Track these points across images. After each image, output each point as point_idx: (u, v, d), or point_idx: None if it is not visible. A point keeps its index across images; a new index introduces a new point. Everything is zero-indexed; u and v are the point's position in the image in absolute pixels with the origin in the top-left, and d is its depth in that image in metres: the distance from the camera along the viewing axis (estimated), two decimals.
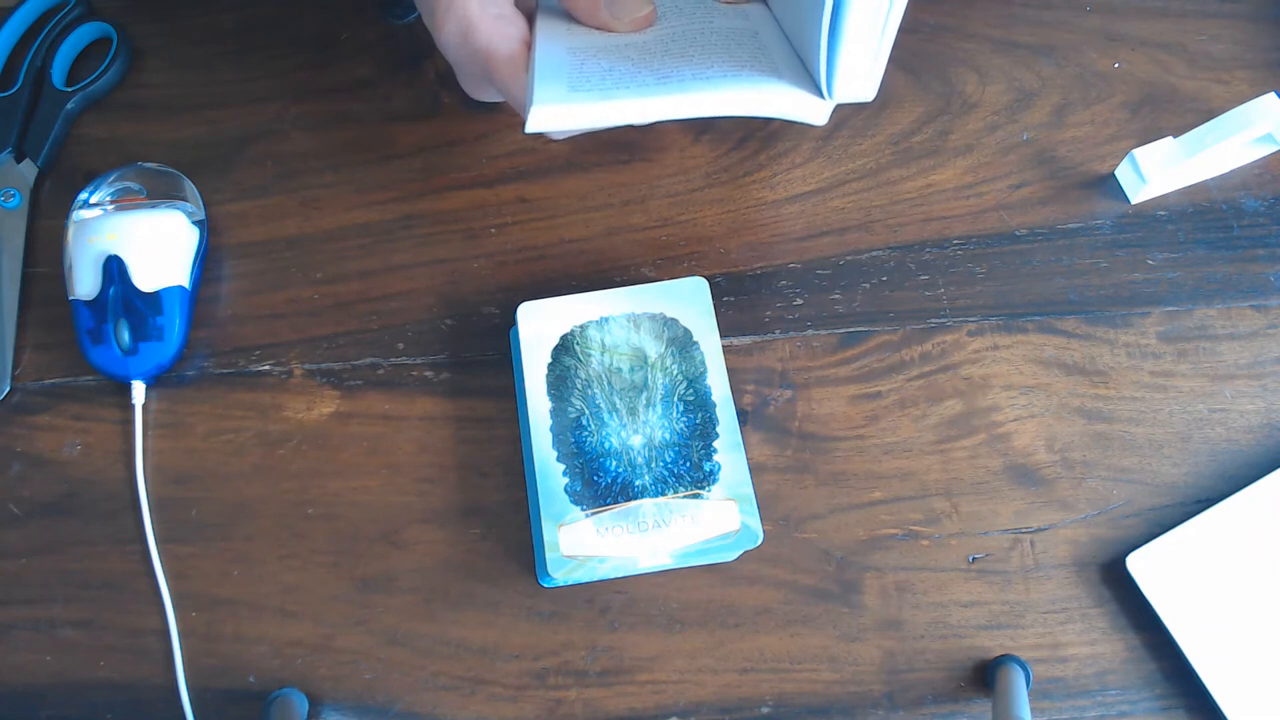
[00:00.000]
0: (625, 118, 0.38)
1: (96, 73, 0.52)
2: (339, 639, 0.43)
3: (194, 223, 0.48)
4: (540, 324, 0.43)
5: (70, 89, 0.52)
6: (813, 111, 0.39)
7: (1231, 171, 0.50)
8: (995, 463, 0.45)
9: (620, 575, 0.43)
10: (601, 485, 0.41)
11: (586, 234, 0.50)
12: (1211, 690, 0.40)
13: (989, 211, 0.50)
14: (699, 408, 0.42)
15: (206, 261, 0.49)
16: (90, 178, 0.49)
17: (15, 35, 0.53)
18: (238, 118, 0.52)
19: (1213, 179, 0.50)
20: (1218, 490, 0.44)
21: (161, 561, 0.44)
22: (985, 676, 0.42)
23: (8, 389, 0.47)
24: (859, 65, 0.38)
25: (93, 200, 0.48)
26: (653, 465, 0.41)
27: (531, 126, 0.38)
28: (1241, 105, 0.46)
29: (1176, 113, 0.52)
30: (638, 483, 0.41)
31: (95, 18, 0.54)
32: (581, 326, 0.43)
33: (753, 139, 0.51)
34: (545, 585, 0.44)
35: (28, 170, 0.51)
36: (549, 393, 0.42)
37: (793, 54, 0.41)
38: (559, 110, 0.38)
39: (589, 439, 0.41)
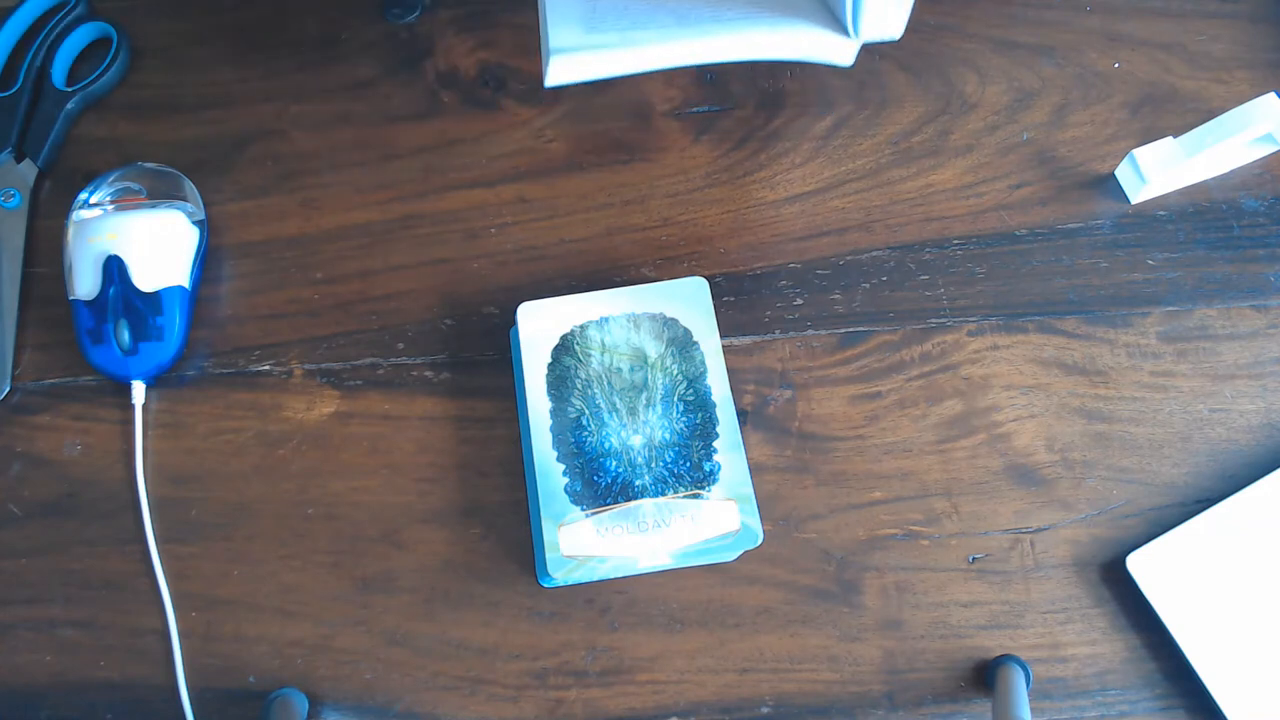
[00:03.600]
0: (646, 64, 0.37)
1: (96, 73, 0.52)
2: (339, 639, 0.43)
3: (194, 223, 0.48)
4: (540, 324, 0.43)
5: (70, 89, 0.52)
6: (839, 52, 0.38)
7: (1231, 171, 0.50)
8: (995, 463, 0.45)
9: (620, 575, 0.43)
10: (601, 485, 0.41)
11: (586, 234, 0.50)
12: (1211, 690, 0.40)
13: (989, 211, 0.50)
14: (699, 408, 0.42)
15: (206, 261, 0.49)
16: (90, 178, 0.49)
17: (15, 35, 0.53)
18: (238, 118, 0.52)
19: (1213, 179, 0.50)
20: (1218, 490, 0.44)
21: (161, 561, 0.44)
22: (985, 676, 0.42)
23: (8, 389, 0.47)
24: (887, 4, 0.36)
25: (93, 200, 0.48)
26: (653, 465, 0.41)
27: (551, 79, 0.36)
28: (1241, 105, 0.46)
29: (1176, 113, 0.52)
30: (638, 483, 0.41)
31: (95, 18, 0.54)
32: (581, 326, 0.43)
33: (753, 139, 0.51)
34: (545, 585, 0.43)
35: (28, 170, 0.50)
36: (549, 393, 0.42)
37: None
38: (579, 60, 0.36)
39: (589, 439, 0.41)
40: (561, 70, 0.36)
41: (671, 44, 0.37)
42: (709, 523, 0.40)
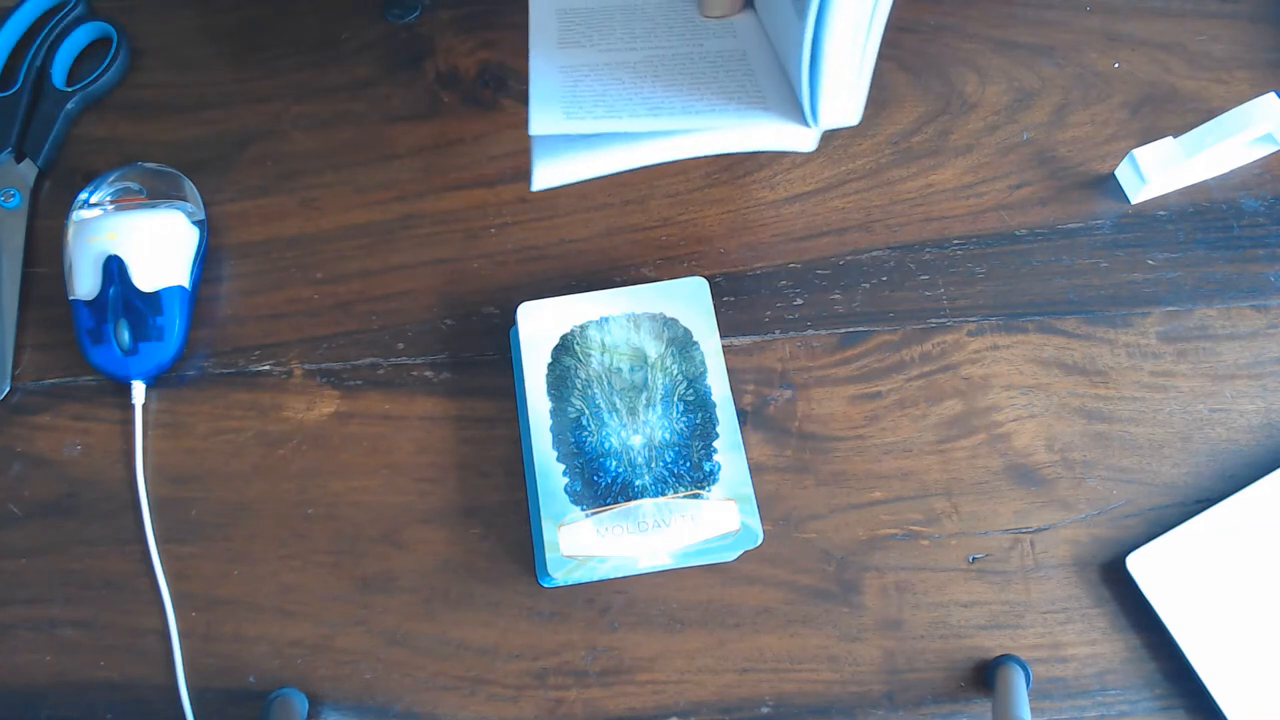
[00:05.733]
0: (623, 166, 0.40)
1: (96, 73, 0.52)
2: (339, 639, 0.43)
3: (194, 223, 0.48)
4: (540, 324, 0.43)
5: (70, 89, 0.52)
6: (801, 141, 0.40)
7: (1231, 171, 0.50)
8: (995, 463, 0.45)
9: (620, 575, 0.43)
10: (601, 485, 0.41)
11: (586, 234, 0.50)
12: (1211, 690, 0.40)
13: (989, 211, 0.50)
14: (699, 408, 0.42)
15: (206, 261, 0.49)
16: (90, 178, 0.49)
17: (15, 35, 0.53)
18: (238, 118, 0.52)
19: (1213, 179, 0.50)
20: (1218, 490, 0.44)
21: (161, 561, 0.44)
22: (985, 676, 0.42)
23: (8, 389, 0.47)
24: (841, 94, 0.39)
25: (93, 200, 0.48)
26: (653, 465, 0.41)
27: (538, 185, 0.40)
28: (1241, 105, 0.46)
29: (1176, 113, 0.52)
30: (638, 483, 0.41)
31: (95, 18, 0.54)
32: (581, 326, 0.43)
33: None
34: (545, 585, 0.44)
35: (28, 170, 0.50)
36: (549, 393, 0.42)
37: (781, 75, 0.42)
38: (562, 167, 0.40)
39: (589, 439, 0.41)
40: (546, 177, 0.40)
41: (646, 146, 0.40)
42: (709, 523, 0.40)
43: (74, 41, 0.53)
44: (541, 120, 0.39)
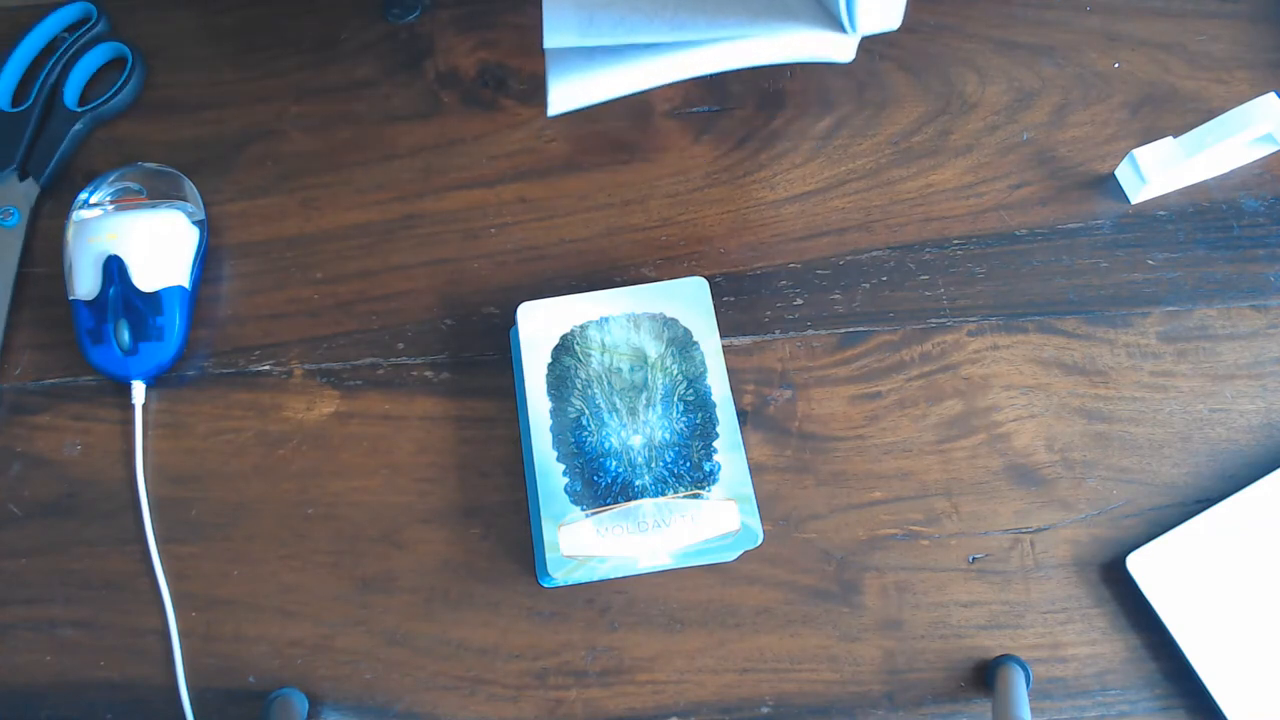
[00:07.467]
0: (647, 82, 0.37)
1: (109, 94, 0.51)
2: (339, 639, 0.43)
3: (194, 223, 0.48)
4: (540, 324, 0.43)
5: (81, 109, 0.51)
6: (838, 50, 0.37)
7: (1231, 171, 0.50)
8: (995, 463, 0.45)
9: (620, 575, 0.43)
10: (601, 485, 0.41)
11: (586, 234, 0.50)
12: (1211, 690, 0.40)
13: (989, 211, 0.50)
14: (699, 408, 0.42)
15: (206, 261, 0.49)
16: (90, 178, 0.49)
17: (33, 51, 0.53)
18: (238, 118, 0.52)
19: (1213, 179, 0.50)
20: (1218, 490, 0.44)
21: (161, 561, 0.44)
22: (985, 676, 0.42)
23: None
24: None
25: (93, 200, 0.48)
26: (653, 465, 0.41)
27: (554, 109, 0.36)
28: (1241, 105, 0.46)
29: (1176, 113, 0.52)
30: (638, 483, 0.41)
31: (114, 37, 0.53)
32: (581, 326, 0.43)
33: (753, 139, 0.51)
34: (545, 585, 0.44)
35: (29, 189, 0.50)
36: (549, 393, 0.42)
37: None
38: (579, 86, 0.36)
39: (589, 439, 0.41)
40: (562, 98, 0.36)
41: (670, 57, 0.36)
42: (709, 523, 0.40)
43: (89, 61, 0.53)
44: (557, 34, 0.36)
